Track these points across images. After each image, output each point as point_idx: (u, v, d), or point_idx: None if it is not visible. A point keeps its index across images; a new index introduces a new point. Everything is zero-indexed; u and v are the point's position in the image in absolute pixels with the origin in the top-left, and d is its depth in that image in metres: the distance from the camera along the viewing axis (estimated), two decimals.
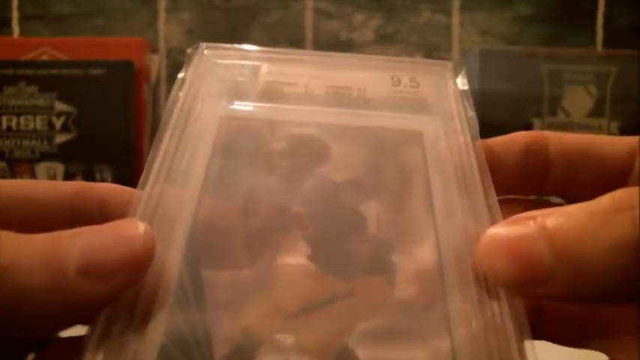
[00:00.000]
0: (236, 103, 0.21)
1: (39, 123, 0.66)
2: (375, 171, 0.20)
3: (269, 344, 0.16)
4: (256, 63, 0.22)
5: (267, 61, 0.22)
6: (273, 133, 0.21)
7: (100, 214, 0.19)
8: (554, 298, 0.15)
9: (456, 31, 0.80)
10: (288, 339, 0.16)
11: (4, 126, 0.66)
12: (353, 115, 0.21)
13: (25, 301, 0.14)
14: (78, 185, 0.19)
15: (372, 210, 0.19)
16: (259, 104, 0.21)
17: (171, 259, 0.16)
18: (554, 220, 0.15)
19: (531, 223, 0.15)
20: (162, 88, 0.80)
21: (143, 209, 0.17)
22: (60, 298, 0.14)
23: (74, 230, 0.15)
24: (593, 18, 0.80)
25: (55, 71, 0.67)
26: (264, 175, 0.19)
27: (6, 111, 0.66)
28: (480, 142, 0.20)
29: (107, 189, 0.19)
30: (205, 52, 0.22)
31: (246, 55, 0.23)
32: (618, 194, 0.15)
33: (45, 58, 0.70)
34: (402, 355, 0.16)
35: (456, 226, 0.18)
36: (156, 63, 0.78)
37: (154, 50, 0.78)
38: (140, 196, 0.17)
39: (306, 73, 0.22)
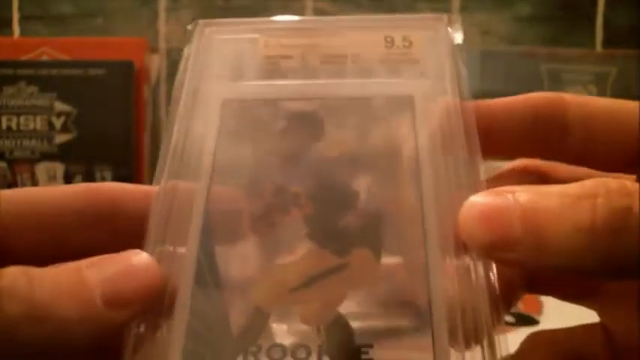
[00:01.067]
0: (237, 82, 0.22)
1: (39, 123, 0.66)
2: (366, 144, 0.21)
3: (276, 316, 0.18)
4: (254, 35, 0.23)
5: (265, 33, 0.23)
6: (273, 113, 0.22)
7: (111, 214, 0.20)
8: (519, 265, 0.17)
9: None
10: (291, 311, 0.18)
11: (4, 126, 0.66)
12: (347, 85, 0.22)
13: (66, 333, 0.16)
14: (87, 187, 0.20)
15: (363, 184, 0.20)
16: (259, 82, 0.22)
17: (190, 249, 0.19)
18: (530, 196, 0.17)
19: (509, 196, 0.17)
20: (162, 88, 0.80)
21: (160, 207, 0.19)
22: (90, 326, 0.16)
23: (89, 261, 0.17)
24: (593, 18, 0.80)
25: (55, 71, 0.67)
26: (265, 157, 0.21)
27: (6, 111, 0.66)
28: (471, 103, 0.20)
29: (115, 189, 0.20)
30: (205, 29, 0.23)
31: (243, 29, 0.24)
32: (588, 183, 0.16)
33: (45, 58, 0.70)
34: (385, 319, 0.18)
35: (440, 193, 0.19)
36: (156, 63, 0.78)
37: (154, 50, 0.78)
38: (156, 194, 0.19)
39: (302, 42, 0.23)
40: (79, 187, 0.20)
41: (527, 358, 0.21)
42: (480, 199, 0.17)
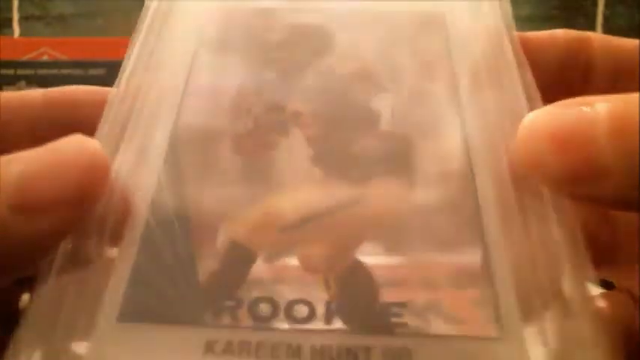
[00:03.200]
0: None
1: None
2: (389, 60, 0.17)
3: (263, 260, 0.13)
4: None
5: None
6: (268, 23, 0.18)
7: (72, 120, 0.17)
8: (606, 203, 0.12)
9: None
10: (286, 254, 0.13)
11: None
12: None
13: None
14: (46, 92, 0.17)
15: (385, 104, 0.16)
16: None
17: (150, 166, 0.14)
18: (617, 105, 0.12)
19: (585, 108, 0.12)
20: None
21: (116, 110, 0.15)
22: None
23: (9, 156, 0.12)
24: (593, 18, 0.80)
25: (55, 71, 0.67)
26: (256, 70, 0.17)
27: None
28: (514, 28, 0.17)
29: (77, 91, 0.17)
30: None
31: None
32: None
33: (45, 58, 0.70)
34: (423, 270, 0.13)
35: (488, 120, 0.15)
36: None
37: None
38: (114, 93, 0.15)
39: None
40: (39, 93, 0.17)
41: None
42: (545, 115, 0.12)
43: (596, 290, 0.12)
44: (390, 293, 0.12)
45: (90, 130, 0.15)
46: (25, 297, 0.14)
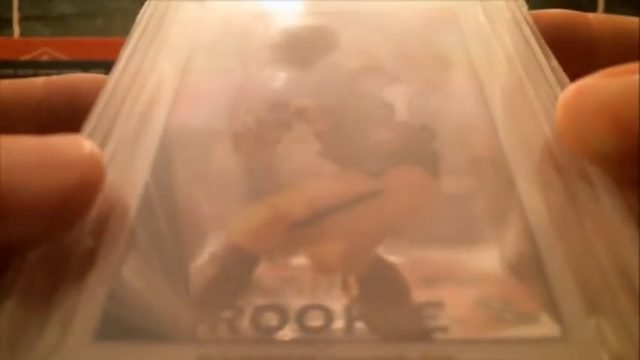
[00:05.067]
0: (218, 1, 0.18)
1: None
2: (399, 53, 0.16)
3: (268, 262, 0.12)
4: None
5: None
6: (269, 26, 0.17)
7: (73, 108, 0.16)
8: None
9: None
10: (295, 254, 0.12)
11: None
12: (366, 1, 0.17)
13: None
14: (46, 80, 0.17)
15: (400, 95, 0.15)
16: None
17: (137, 167, 0.13)
18: None
19: (635, 76, 0.11)
20: None
21: (103, 109, 0.14)
22: None
23: None
24: None
25: (55, 71, 0.67)
26: (256, 70, 0.16)
27: None
28: (530, 17, 0.16)
29: (78, 78, 0.17)
30: None
31: None
32: None
33: (45, 58, 0.70)
34: (457, 265, 0.11)
35: (518, 107, 0.14)
36: None
37: None
38: (108, 86, 0.15)
39: None
40: (38, 81, 0.17)
41: None
42: (589, 86, 0.11)
43: None
44: (422, 293, 0.11)
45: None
46: None
